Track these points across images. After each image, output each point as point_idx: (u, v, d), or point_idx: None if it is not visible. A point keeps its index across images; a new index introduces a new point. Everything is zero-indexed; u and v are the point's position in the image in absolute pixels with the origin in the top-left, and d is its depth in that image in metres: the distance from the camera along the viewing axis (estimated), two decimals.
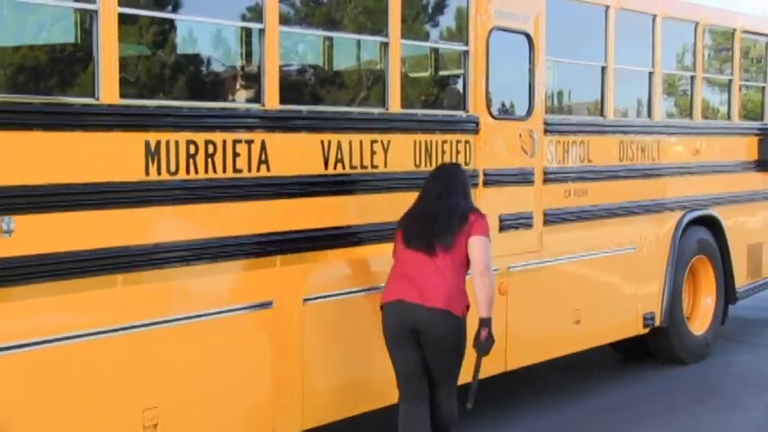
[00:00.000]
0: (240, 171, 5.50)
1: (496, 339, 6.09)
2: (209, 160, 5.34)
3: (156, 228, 5.17)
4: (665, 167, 9.06)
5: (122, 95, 4.98)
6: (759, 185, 10.54)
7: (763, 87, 10.75)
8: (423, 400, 5.97)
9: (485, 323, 5.89)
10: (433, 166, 6.65)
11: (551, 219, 7.74)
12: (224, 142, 5.41)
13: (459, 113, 7.04)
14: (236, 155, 5.47)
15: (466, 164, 6.94)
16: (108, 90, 4.91)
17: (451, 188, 6.03)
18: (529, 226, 7.53)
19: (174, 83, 5.70)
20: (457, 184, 6.07)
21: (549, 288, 7.77)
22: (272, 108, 5.68)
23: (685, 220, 9.33)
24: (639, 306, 8.75)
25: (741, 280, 10.27)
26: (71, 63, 5.19)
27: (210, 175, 5.35)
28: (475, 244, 5.86)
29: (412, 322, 5.81)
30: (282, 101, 5.73)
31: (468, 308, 5.92)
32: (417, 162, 6.59)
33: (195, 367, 5.36)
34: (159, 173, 5.12)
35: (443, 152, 6.78)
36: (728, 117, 10.18)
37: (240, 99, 5.88)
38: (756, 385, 8.93)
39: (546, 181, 7.67)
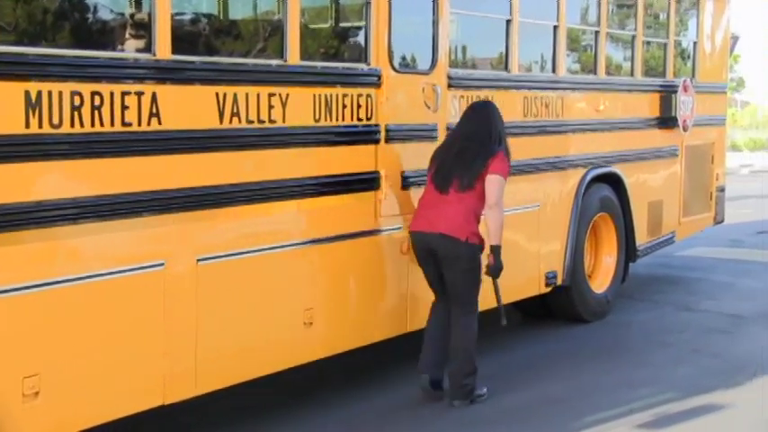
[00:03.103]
0: (129, 125, 5.24)
1: (400, 298, 7.15)
2: (96, 113, 5.07)
3: (38, 184, 4.89)
4: (569, 124, 9.03)
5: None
6: (660, 143, 10.60)
7: (666, 44, 10.77)
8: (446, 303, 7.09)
9: (492, 250, 6.92)
10: (334, 120, 6.52)
11: None
12: (111, 94, 5.13)
13: (361, 66, 6.87)
14: (124, 107, 5.20)
15: (367, 119, 6.79)
16: None
17: (481, 130, 7.00)
18: None
19: (57, 29, 5.38)
20: (486, 126, 7.01)
21: None
22: (164, 58, 5.42)
23: (588, 178, 9.33)
24: (542, 264, 8.72)
25: (642, 238, 10.34)
26: None
27: (97, 128, 5.08)
28: (489, 181, 6.85)
29: (427, 246, 6.91)
30: (175, 51, 5.47)
31: (476, 234, 6.86)
32: (317, 116, 6.41)
33: (80, 332, 5.12)
34: (41, 126, 4.83)
35: (344, 106, 6.61)
36: (632, 73, 10.18)
37: (129, 48, 5.58)
38: (656, 342, 9.02)
39: None
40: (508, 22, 8.21)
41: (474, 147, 6.95)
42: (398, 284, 7.20)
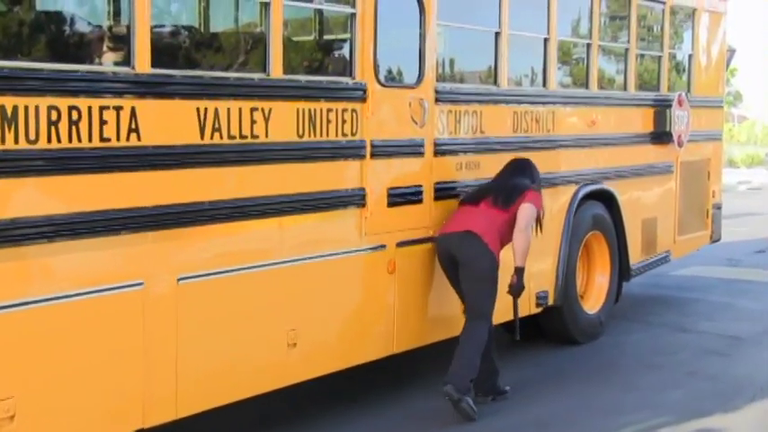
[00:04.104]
0: (108, 140, 5.30)
1: (386, 318, 7.23)
2: (74, 128, 5.13)
3: (13, 201, 4.94)
4: (560, 139, 9.11)
5: None
6: (654, 159, 10.68)
7: (660, 57, 10.86)
8: None
9: (516, 271, 7.55)
10: (318, 135, 6.58)
11: (442, 193, 7.71)
12: (89, 108, 5.20)
13: (346, 80, 6.93)
14: (103, 122, 5.26)
15: (352, 134, 6.86)
16: None
17: (520, 173, 7.76)
18: (419, 200, 7.49)
19: (33, 42, 5.44)
20: (525, 171, 7.79)
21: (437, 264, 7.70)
22: (143, 72, 5.48)
23: (580, 195, 9.40)
24: (532, 284, 8.76)
25: (635, 256, 10.42)
26: None
27: (75, 144, 5.14)
28: (522, 208, 7.48)
29: (448, 249, 7.42)
30: (154, 64, 5.54)
31: (496, 247, 7.39)
32: (300, 132, 6.47)
33: (57, 354, 5.16)
34: (17, 141, 4.89)
35: (328, 121, 6.68)
36: (625, 87, 10.28)
37: (108, 62, 5.64)
38: (649, 364, 9.07)
39: (437, 153, 7.62)
40: (497, 34, 8.29)
41: (513, 182, 7.68)
42: (385, 305, 7.25)
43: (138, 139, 5.44)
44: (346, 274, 6.95)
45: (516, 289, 7.63)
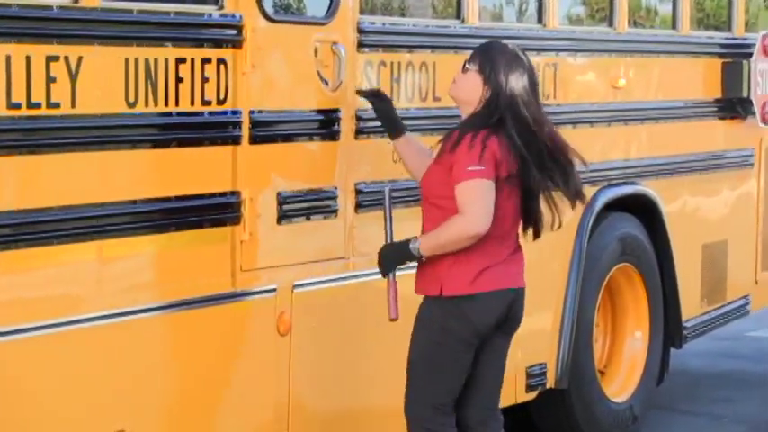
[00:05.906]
0: None
1: (275, 410, 7.26)
2: None
3: None
4: (566, 111, 9.18)
5: None
6: (723, 143, 10.82)
7: None
8: None
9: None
10: (160, 104, 6.58)
11: (368, 200, 7.75)
12: None
13: (208, 10, 6.94)
14: None
15: (219, 101, 6.88)
16: None
17: None
18: (330, 212, 7.53)
19: None
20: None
21: (365, 321, 7.77)
22: None
23: (599, 203, 9.50)
24: (520, 354, 8.76)
25: (692, 306, 10.56)
26: None
27: None
28: None
29: (507, 305, 7.24)
30: None
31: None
32: (132, 97, 6.44)
33: None
34: None
35: (179, 79, 6.67)
36: (674, 25, 10.37)
37: None
38: None
39: (360, 133, 7.70)
40: None
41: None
42: (272, 391, 7.26)
43: None
44: (207, 337, 6.93)
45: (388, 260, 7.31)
